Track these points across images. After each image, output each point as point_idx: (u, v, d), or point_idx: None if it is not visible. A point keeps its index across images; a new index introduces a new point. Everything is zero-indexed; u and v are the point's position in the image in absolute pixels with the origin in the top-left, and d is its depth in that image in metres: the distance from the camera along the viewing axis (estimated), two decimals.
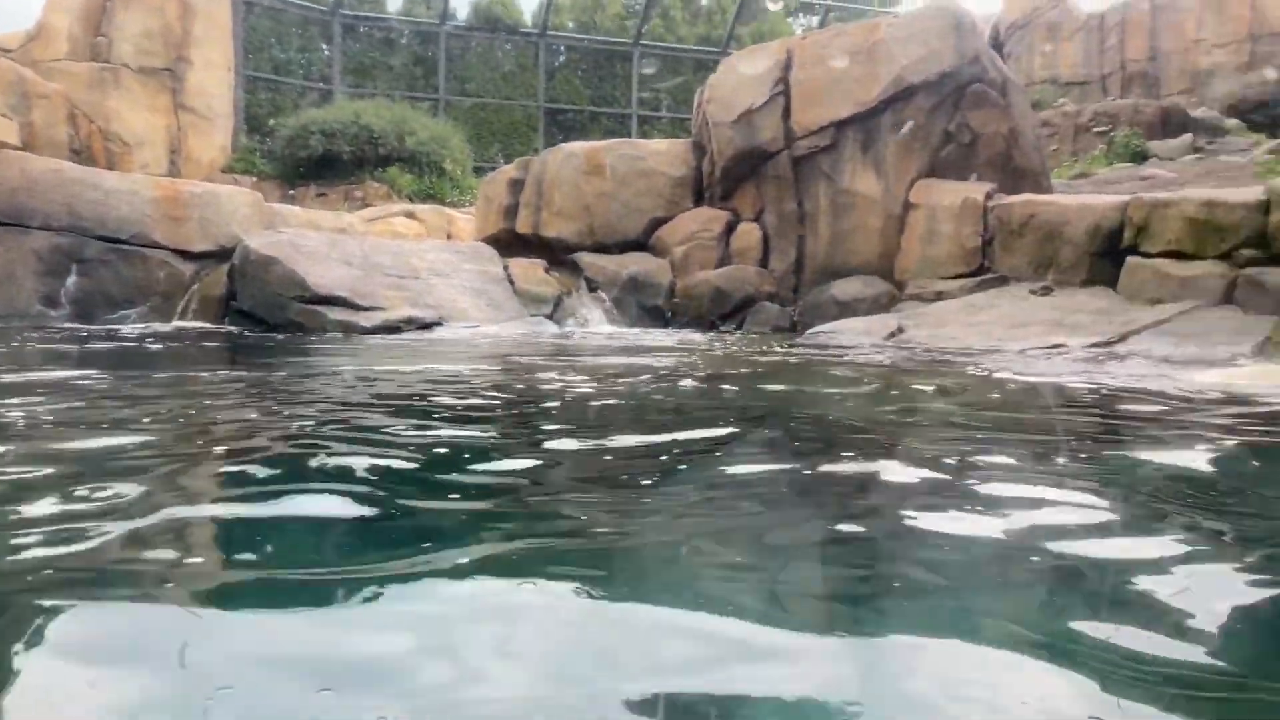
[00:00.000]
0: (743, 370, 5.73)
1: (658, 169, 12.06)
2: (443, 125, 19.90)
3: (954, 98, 11.05)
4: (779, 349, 7.70)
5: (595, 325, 10.74)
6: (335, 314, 9.09)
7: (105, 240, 10.21)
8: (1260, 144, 14.62)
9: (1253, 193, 8.07)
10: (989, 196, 10.35)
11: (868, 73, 11.08)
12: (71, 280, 10.05)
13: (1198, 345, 6.90)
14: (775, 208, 11.44)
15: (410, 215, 15.08)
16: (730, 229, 11.63)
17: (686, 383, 4.81)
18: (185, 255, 10.48)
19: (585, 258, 11.65)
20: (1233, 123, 17.27)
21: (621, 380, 4.83)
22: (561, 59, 24.73)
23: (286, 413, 3.42)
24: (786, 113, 11.36)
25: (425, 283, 10.14)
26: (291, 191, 17.38)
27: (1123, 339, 7.24)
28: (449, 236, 14.62)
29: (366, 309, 9.26)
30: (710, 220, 11.70)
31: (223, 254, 10.37)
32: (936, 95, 11.02)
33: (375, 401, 3.95)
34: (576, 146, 12.66)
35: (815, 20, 26.08)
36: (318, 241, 10.25)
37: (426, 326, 9.32)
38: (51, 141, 14.75)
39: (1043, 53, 23.26)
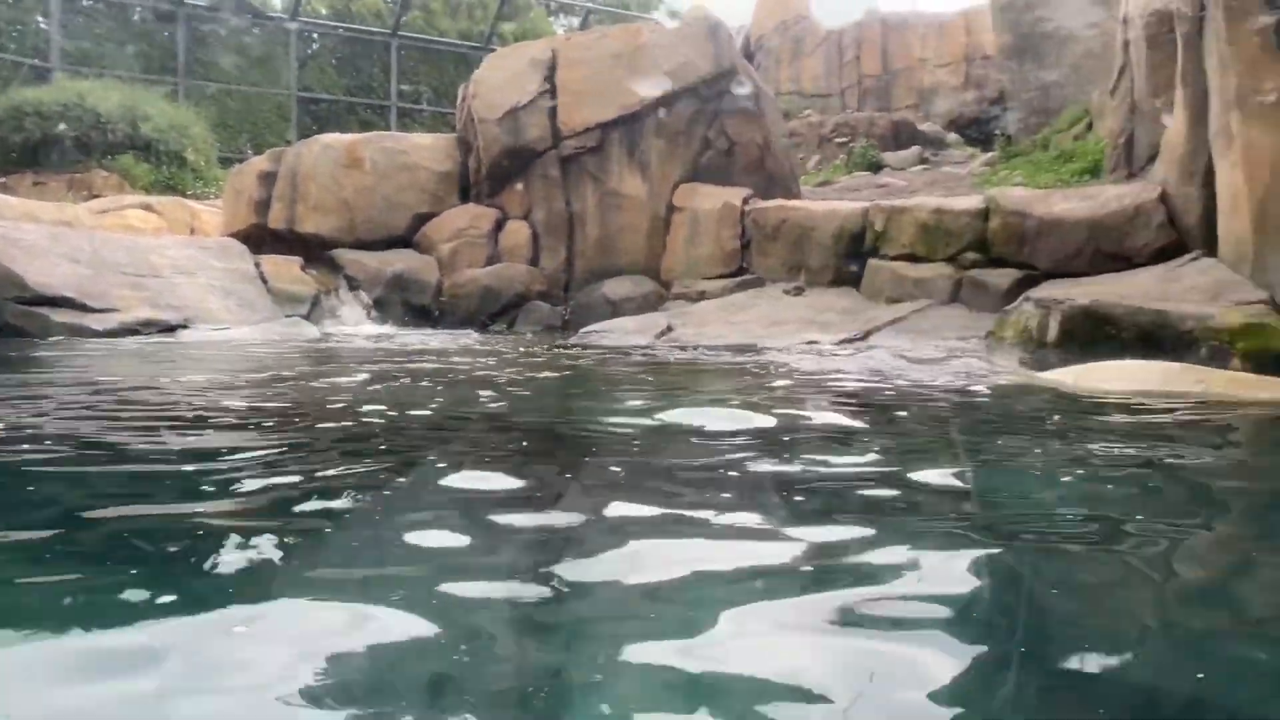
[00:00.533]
0: (516, 374, 5.68)
1: (422, 164, 11.76)
2: (183, 112, 18.41)
3: (713, 105, 11.50)
4: (552, 350, 7.71)
5: (357, 326, 10.32)
6: (60, 316, 8.20)
7: None
8: (975, 157, 16.22)
9: (974, 202, 8.94)
10: (746, 201, 10.85)
11: (632, 77, 11.31)
12: None
13: (931, 340, 7.55)
14: (544, 206, 11.45)
15: (147, 208, 13.85)
16: (499, 226, 11.53)
17: (449, 389, 4.70)
18: None
19: (346, 254, 11.18)
20: (953, 137, 19.08)
21: (372, 388, 4.65)
22: (315, 46, 23.59)
23: None
24: (553, 112, 11.40)
25: (167, 281, 9.35)
26: (2, 179, 15.51)
27: (867, 335, 7.81)
28: (192, 232, 13.56)
29: (98, 310, 8.42)
30: (478, 217, 11.54)
31: None
32: (696, 101, 11.42)
33: (54, 419, 3.58)
34: (333, 138, 12.12)
35: (576, 21, 26.36)
36: (37, 235, 9.20)
37: (170, 329, 8.60)
38: None
39: (788, 65, 24.70)
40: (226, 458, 2.60)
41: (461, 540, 1.79)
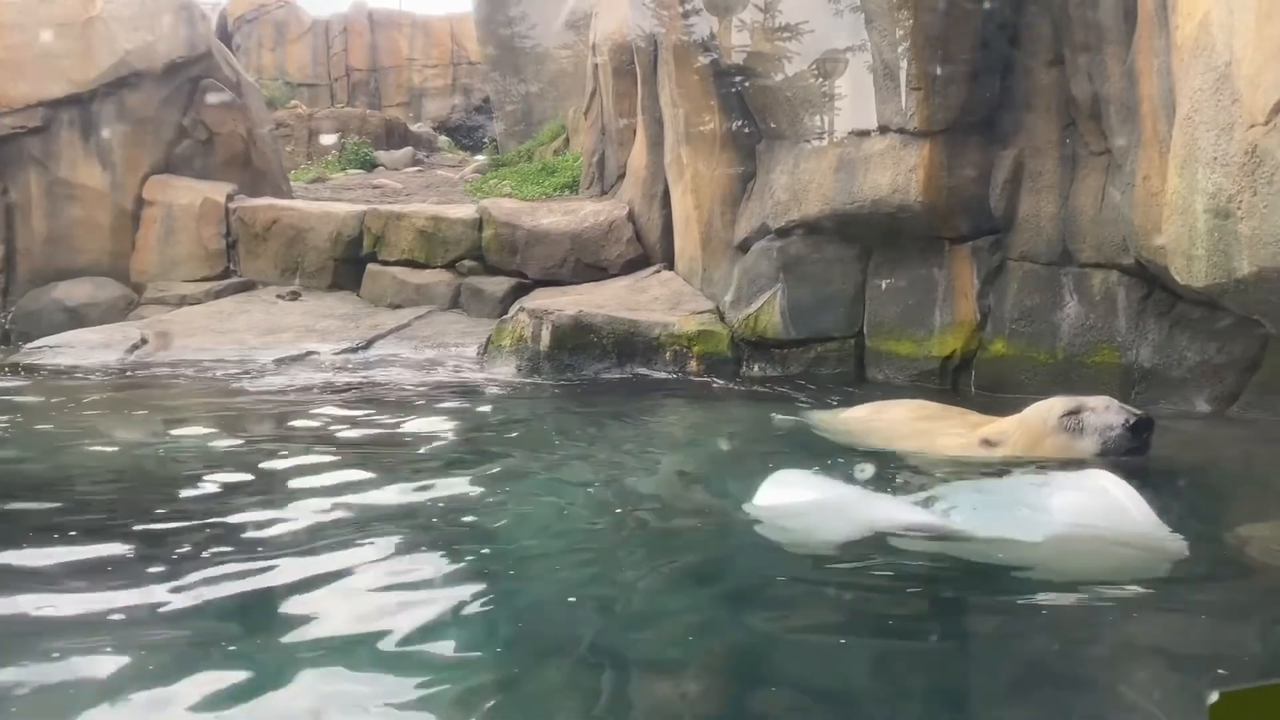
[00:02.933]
0: None
1: None
2: None
3: (187, 91, 10.50)
4: None
5: None
6: None
7: None
8: (467, 162, 16.76)
9: (468, 211, 9.25)
10: (230, 198, 10.09)
11: (84, 51, 9.92)
12: None
13: (432, 347, 7.67)
14: None
15: None
16: None
17: None
18: None
19: None
20: (444, 139, 19.55)
21: None
22: None
23: None
24: None
25: None
26: None
27: (371, 343, 7.71)
28: None
29: None
30: None
31: None
32: (167, 86, 10.34)
33: None
34: None
35: None
36: None
37: None
38: None
39: (271, 51, 23.41)
40: None
41: None
